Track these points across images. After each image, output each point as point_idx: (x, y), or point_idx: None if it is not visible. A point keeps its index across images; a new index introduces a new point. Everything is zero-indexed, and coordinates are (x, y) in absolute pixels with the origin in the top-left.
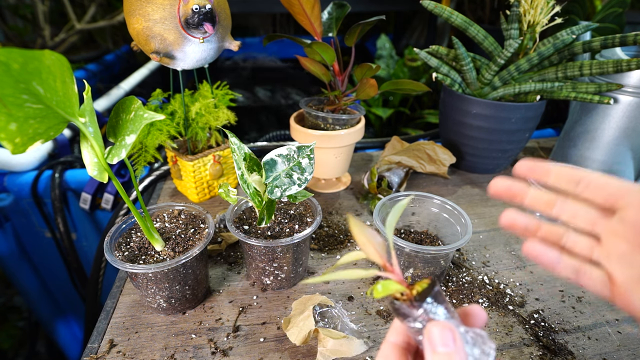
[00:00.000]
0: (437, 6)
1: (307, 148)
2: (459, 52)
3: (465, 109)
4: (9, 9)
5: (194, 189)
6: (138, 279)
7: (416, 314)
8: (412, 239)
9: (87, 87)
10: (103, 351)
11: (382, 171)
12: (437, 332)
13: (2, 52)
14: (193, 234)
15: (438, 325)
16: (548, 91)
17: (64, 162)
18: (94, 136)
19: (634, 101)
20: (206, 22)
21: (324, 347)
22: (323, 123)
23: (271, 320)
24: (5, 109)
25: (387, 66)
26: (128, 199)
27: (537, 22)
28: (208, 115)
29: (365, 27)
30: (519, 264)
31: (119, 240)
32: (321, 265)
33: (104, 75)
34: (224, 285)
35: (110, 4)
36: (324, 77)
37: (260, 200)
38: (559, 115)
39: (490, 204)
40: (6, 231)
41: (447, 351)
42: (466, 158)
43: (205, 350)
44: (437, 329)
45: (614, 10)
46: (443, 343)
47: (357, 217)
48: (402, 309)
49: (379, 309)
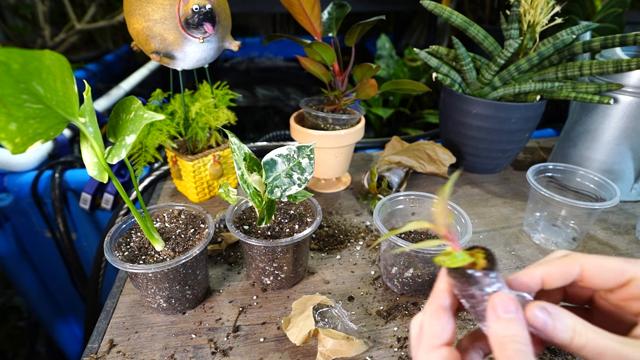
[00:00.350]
0: (437, 6)
1: (307, 148)
2: (459, 52)
3: (465, 109)
4: (9, 9)
5: (194, 189)
6: (138, 279)
7: (486, 282)
8: (412, 239)
9: (87, 87)
10: (103, 351)
11: (382, 171)
12: (502, 301)
13: (2, 52)
14: (193, 234)
15: (503, 295)
16: (548, 91)
17: (64, 162)
18: (94, 136)
19: (634, 101)
20: (206, 22)
21: (324, 347)
22: (323, 123)
23: (271, 320)
24: (5, 109)
25: (387, 66)
26: (128, 199)
27: (537, 22)
28: (208, 115)
29: (365, 27)
30: (519, 264)
31: (119, 240)
32: (321, 265)
33: (104, 75)
34: (224, 285)
35: (110, 4)
36: (324, 77)
37: (260, 200)
38: (559, 115)
39: (490, 204)
40: (6, 231)
41: (509, 317)
42: (466, 158)
43: (205, 350)
44: (502, 299)
45: (614, 10)
46: (506, 310)
47: (357, 217)
48: (474, 277)
49: (379, 309)
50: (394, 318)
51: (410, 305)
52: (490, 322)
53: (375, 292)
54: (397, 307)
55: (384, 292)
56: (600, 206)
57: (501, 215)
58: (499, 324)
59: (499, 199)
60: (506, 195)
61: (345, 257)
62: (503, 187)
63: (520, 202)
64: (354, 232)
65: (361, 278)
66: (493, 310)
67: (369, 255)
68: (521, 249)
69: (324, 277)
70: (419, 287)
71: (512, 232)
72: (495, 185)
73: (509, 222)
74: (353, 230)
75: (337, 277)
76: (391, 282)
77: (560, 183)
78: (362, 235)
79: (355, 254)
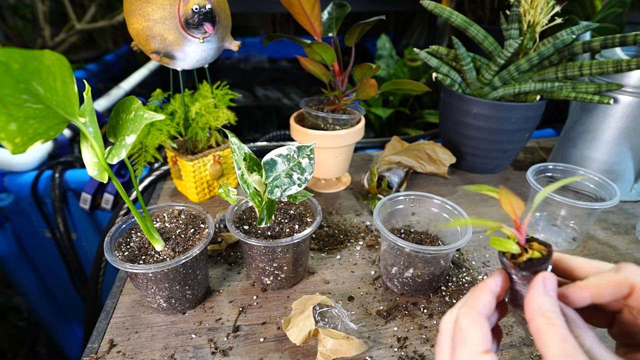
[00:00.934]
0: (437, 6)
1: (307, 148)
2: (459, 52)
3: (465, 109)
4: (9, 9)
5: (194, 189)
6: (138, 279)
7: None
8: (412, 239)
9: (87, 87)
10: (103, 351)
11: (382, 171)
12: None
13: (2, 52)
14: (193, 234)
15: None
16: (548, 91)
17: (64, 162)
18: (94, 136)
19: (634, 101)
20: (206, 22)
21: (324, 347)
22: (323, 123)
23: (271, 320)
24: (5, 109)
25: (387, 66)
26: (128, 199)
27: (537, 22)
28: (208, 115)
29: (365, 27)
30: None
31: (119, 240)
32: (321, 265)
33: (104, 75)
34: (224, 285)
35: (110, 4)
36: (324, 77)
37: (260, 200)
38: (559, 115)
39: (490, 204)
40: (6, 231)
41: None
42: (466, 158)
43: (205, 350)
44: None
45: (614, 10)
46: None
47: (357, 217)
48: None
49: (379, 309)
50: (394, 318)
51: (410, 305)
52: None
53: (375, 292)
54: (397, 307)
55: (384, 292)
56: (600, 206)
57: (501, 215)
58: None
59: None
60: None
61: (345, 257)
62: (503, 187)
63: None
64: (354, 232)
65: (361, 278)
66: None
67: (369, 255)
68: None
69: (324, 277)
70: (419, 287)
71: None
72: (495, 185)
73: (509, 222)
74: (353, 230)
75: (337, 277)
76: (391, 282)
77: None
78: (362, 235)
79: (355, 254)
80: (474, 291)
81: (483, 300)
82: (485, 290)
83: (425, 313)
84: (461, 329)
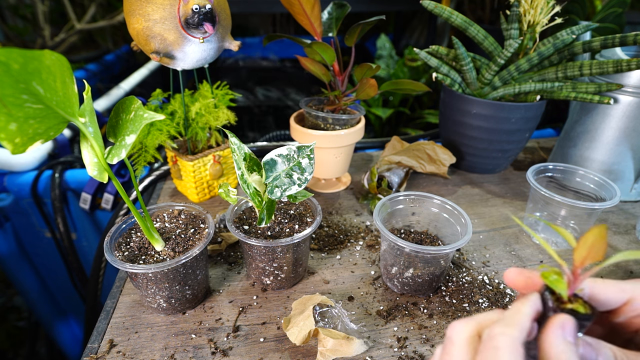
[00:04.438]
0: (437, 6)
1: (307, 148)
2: (459, 52)
3: (465, 109)
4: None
5: (194, 189)
6: (138, 279)
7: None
8: (412, 239)
9: (87, 87)
10: (103, 351)
11: (382, 171)
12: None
13: (2, 52)
14: (193, 234)
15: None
16: (548, 91)
17: (64, 162)
18: (94, 136)
19: (634, 101)
20: (206, 22)
21: (324, 347)
22: (323, 123)
23: (271, 320)
24: (5, 109)
25: (387, 66)
26: (128, 199)
27: (537, 22)
28: (208, 115)
29: (365, 27)
30: (519, 264)
31: (119, 240)
32: (321, 265)
33: (104, 75)
34: (224, 285)
35: (110, 4)
36: (324, 77)
37: (260, 200)
38: (559, 115)
39: (490, 204)
40: (6, 231)
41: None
42: (466, 158)
43: (205, 350)
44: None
45: (614, 10)
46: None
47: (357, 217)
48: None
49: (379, 309)
50: (394, 318)
51: (410, 305)
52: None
53: (375, 292)
54: (397, 307)
55: (384, 292)
56: (600, 206)
57: (501, 215)
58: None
59: (499, 199)
60: (506, 195)
61: (345, 257)
62: (503, 187)
63: (520, 202)
64: (354, 232)
65: (361, 278)
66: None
67: (369, 255)
68: (521, 249)
69: (324, 277)
70: (419, 287)
71: (512, 232)
72: (495, 185)
73: (509, 222)
74: (353, 230)
75: (337, 277)
76: (391, 282)
77: (560, 183)
78: (362, 235)
79: (355, 254)
80: (516, 314)
81: (524, 327)
82: (527, 317)
83: (425, 313)
84: (497, 348)
